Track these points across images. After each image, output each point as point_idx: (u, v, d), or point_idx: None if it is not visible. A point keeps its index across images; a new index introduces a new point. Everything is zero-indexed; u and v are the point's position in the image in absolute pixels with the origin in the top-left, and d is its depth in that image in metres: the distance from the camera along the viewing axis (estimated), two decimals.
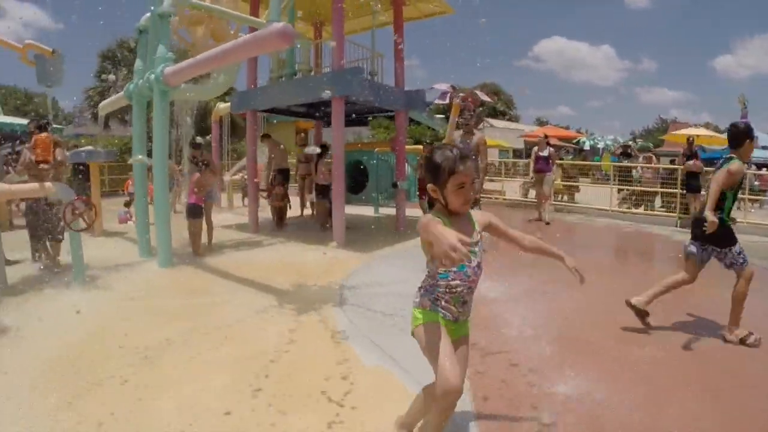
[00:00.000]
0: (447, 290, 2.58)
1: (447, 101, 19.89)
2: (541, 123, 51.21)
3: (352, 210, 12.08)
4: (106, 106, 10.56)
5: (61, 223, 6.38)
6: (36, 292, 6.06)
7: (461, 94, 19.46)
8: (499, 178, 18.16)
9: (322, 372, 3.75)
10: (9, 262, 7.58)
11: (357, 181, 12.73)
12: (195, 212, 8.46)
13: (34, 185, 6.55)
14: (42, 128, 7.61)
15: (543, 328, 4.80)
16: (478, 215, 2.68)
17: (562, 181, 15.64)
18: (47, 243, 7.36)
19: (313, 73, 10.94)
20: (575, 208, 14.11)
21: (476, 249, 2.57)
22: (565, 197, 15.77)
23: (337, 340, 4.46)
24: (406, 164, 12.05)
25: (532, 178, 12.94)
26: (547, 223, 11.33)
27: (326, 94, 8.35)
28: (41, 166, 6.98)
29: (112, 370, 3.82)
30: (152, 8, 7.35)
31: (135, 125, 8.29)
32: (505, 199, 16.33)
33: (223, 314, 5.15)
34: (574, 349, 4.27)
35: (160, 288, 6.33)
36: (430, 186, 2.53)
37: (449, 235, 2.12)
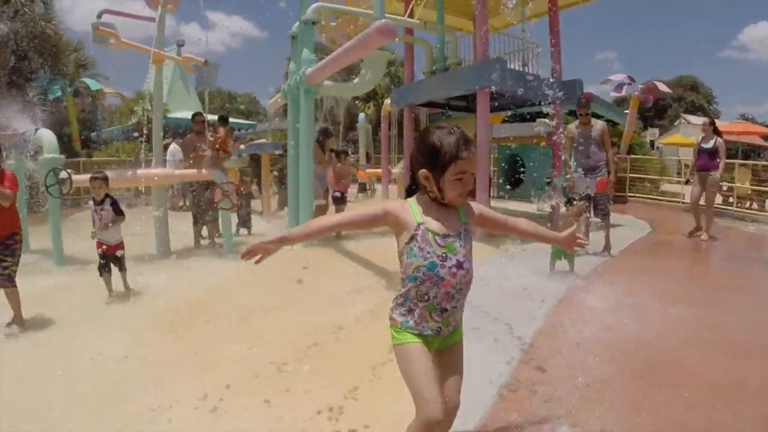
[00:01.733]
0: (418, 297, 2.19)
1: (623, 93, 18.75)
2: (745, 120, 45.24)
3: (511, 205, 11.85)
4: (272, 104, 11.86)
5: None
6: (190, 258, 7.54)
7: (640, 86, 18.22)
8: (681, 180, 16.53)
9: (365, 354, 3.96)
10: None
11: (515, 176, 12.65)
12: (340, 200, 9.23)
13: (194, 171, 7.69)
14: (225, 122, 8.98)
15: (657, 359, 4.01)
16: (469, 205, 2.32)
17: (750, 184, 13.89)
18: (205, 220, 8.60)
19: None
20: (762, 218, 12.41)
21: (455, 244, 2.18)
22: (755, 204, 13.94)
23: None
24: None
25: (688, 180, 10.32)
26: (707, 239, 9.10)
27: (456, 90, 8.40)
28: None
29: (210, 321, 4.80)
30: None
31: (290, 120, 9.16)
32: (683, 203, 14.91)
33: (322, 289, 5.80)
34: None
35: (284, 262, 7.03)
36: (423, 172, 2.17)
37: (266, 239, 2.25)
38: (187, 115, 20.92)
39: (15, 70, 21.87)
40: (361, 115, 19.28)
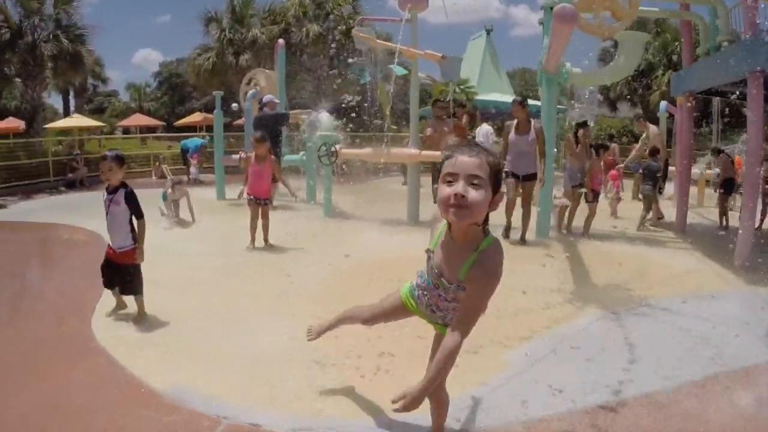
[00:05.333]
0: (420, 287, 2.66)
1: None
2: None
3: None
4: None
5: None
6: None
7: None
8: None
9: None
10: None
11: None
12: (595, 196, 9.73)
13: (437, 152, 9.29)
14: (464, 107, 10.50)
15: None
16: (482, 262, 2.25)
17: None
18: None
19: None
20: None
21: (449, 286, 2.39)
22: None
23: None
24: None
25: None
26: None
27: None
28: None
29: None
30: None
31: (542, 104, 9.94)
32: None
33: (512, 285, 5.91)
34: None
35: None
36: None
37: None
38: (497, 97, 23.15)
39: (333, 60, 27.13)
40: (662, 104, 18.39)
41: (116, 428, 3.33)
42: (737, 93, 10.54)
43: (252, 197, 7.74)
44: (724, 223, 10.91)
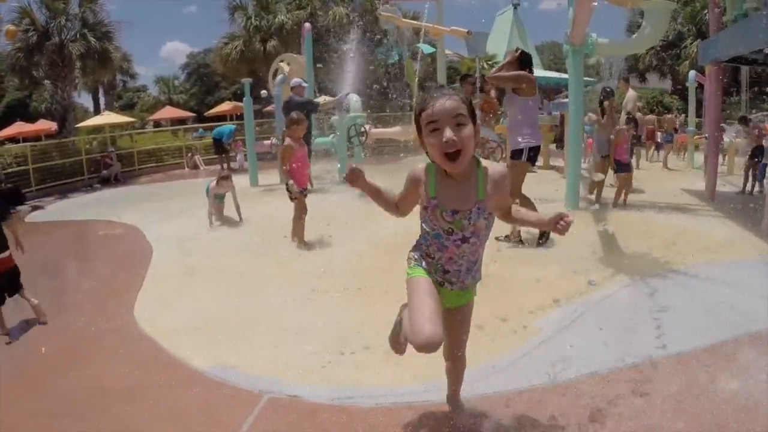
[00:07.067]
0: (426, 254, 2.53)
1: None
2: None
3: None
4: None
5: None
6: None
7: None
8: None
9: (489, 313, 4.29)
10: None
11: None
12: (620, 167, 9.60)
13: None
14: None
15: None
16: (493, 175, 2.39)
17: None
18: None
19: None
20: None
21: (464, 221, 2.36)
22: None
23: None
24: None
25: None
26: None
27: None
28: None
29: None
30: None
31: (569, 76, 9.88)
32: None
33: (542, 255, 6.46)
34: None
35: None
36: (417, 138, 2.41)
37: None
38: None
39: (360, 42, 27.39)
40: (691, 73, 18.06)
41: (162, 405, 3.58)
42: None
43: (300, 189, 6.97)
44: (749, 188, 11.40)
